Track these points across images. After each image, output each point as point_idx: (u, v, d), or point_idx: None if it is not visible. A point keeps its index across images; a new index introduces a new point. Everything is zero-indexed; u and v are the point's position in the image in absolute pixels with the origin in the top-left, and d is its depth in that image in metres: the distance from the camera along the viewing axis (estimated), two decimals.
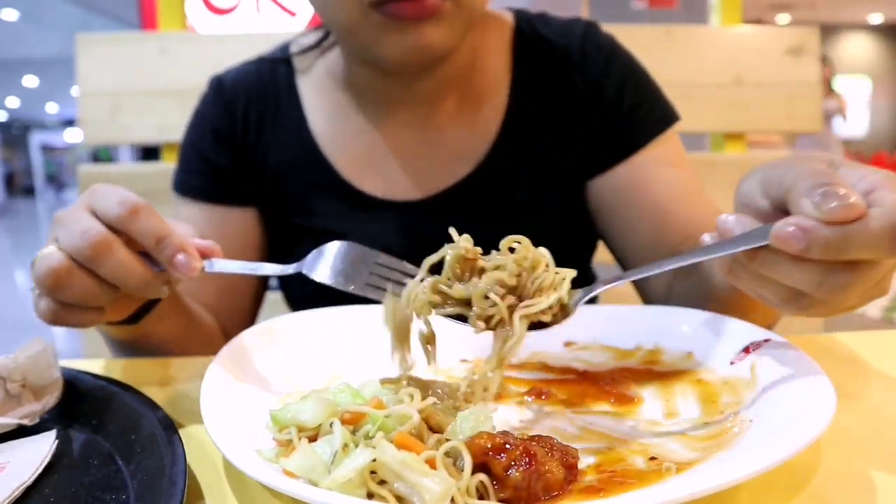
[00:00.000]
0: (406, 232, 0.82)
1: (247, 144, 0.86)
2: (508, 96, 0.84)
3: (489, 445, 0.39)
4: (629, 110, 0.82)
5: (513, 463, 0.38)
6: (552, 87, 0.84)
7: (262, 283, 0.91)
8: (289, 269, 0.54)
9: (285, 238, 0.87)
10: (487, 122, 0.83)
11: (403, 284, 0.52)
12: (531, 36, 0.85)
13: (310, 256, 0.55)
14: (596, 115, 0.83)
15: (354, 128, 0.85)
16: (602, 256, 0.93)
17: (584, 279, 0.88)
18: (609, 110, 0.82)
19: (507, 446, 0.39)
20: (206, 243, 0.56)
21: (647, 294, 0.83)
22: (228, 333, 0.82)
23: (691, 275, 0.70)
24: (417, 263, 0.69)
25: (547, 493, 0.38)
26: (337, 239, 0.57)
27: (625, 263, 0.86)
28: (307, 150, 0.85)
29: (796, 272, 0.42)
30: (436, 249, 0.75)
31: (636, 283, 0.84)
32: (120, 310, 0.59)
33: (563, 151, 0.84)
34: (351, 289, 0.52)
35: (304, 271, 0.53)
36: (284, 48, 0.92)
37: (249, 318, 0.89)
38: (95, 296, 0.52)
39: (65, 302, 0.53)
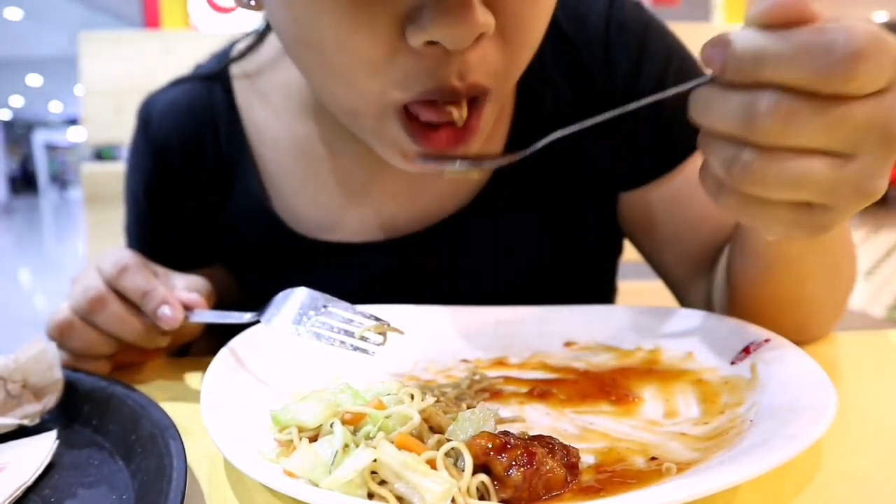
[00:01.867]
0: (393, 275, 0.72)
1: (188, 201, 0.75)
2: (514, 105, 0.69)
3: (490, 445, 0.39)
4: (672, 113, 0.67)
5: (513, 463, 0.38)
6: (567, 91, 0.70)
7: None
8: (250, 317, 0.58)
9: (258, 293, 0.65)
10: (491, 136, 0.67)
11: (349, 333, 0.55)
12: None
13: (269, 307, 0.57)
14: (631, 122, 0.67)
15: (320, 167, 0.71)
16: (628, 255, 0.85)
17: (609, 287, 0.86)
18: (647, 115, 0.68)
19: (508, 446, 0.39)
20: (191, 296, 0.61)
21: (688, 303, 0.75)
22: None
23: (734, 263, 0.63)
24: (423, 299, 0.67)
25: (548, 492, 0.38)
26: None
27: (667, 273, 0.76)
28: (256, 206, 0.72)
29: (743, 104, 0.36)
30: (443, 281, 0.72)
31: (676, 293, 0.77)
32: (149, 359, 0.65)
33: (584, 167, 0.71)
34: (299, 335, 0.55)
35: (261, 321, 0.57)
36: (222, 56, 0.77)
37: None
38: (97, 345, 0.59)
39: (74, 352, 0.59)
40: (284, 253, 0.73)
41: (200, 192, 0.74)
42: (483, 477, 0.38)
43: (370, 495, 0.37)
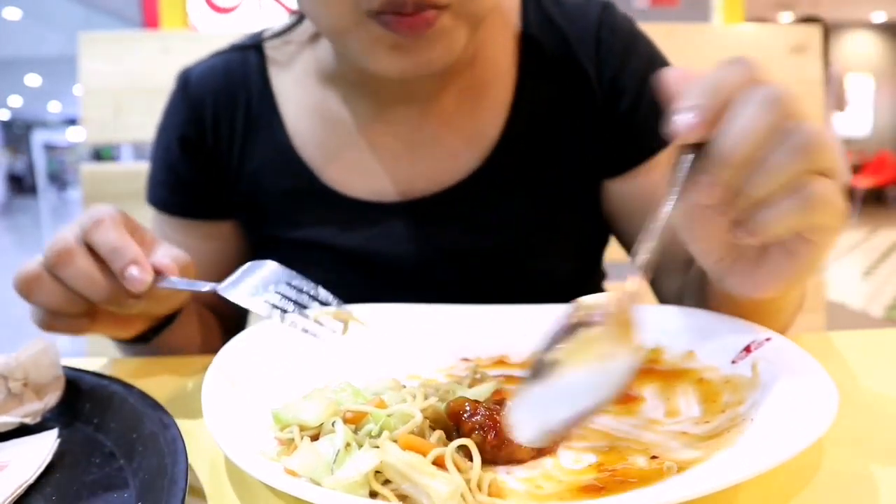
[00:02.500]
0: (402, 236, 0.77)
1: (217, 152, 0.80)
2: (514, 88, 0.77)
3: (468, 408, 0.44)
4: (651, 108, 0.74)
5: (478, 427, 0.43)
6: (563, 78, 0.77)
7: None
8: (211, 286, 0.58)
9: (270, 250, 0.77)
10: (491, 116, 0.76)
11: (304, 306, 0.57)
12: (540, 19, 0.78)
13: (233, 276, 0.59)
14: (613, 112, 0.76)
15: (340, 127, 0.78)
16: (612, 255, 0.89)
17: (595, 276, 0.88)
18: (628, 107, 0.76)
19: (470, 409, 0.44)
20: (163, 262, 0.58)
21: (659, 295, 0.79)
22: (226, 320, 0.83)
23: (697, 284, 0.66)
24: (417, 267, 0.70)
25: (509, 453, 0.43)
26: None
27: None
28: (283, 155, 0.78)
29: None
30: (435, 252, 0.75)
31: (653, 288, 0.79)
32: (126, 327, 0.64)
33: (576, 149, 0.78)
34: (252, 306, 0.56)
35: (218, 290, 0.57)
36: (256, 35, 0.84)
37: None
38: (65, 302, 0.56)
39: (40, 306, 0.57)
40: (306, 201, 0.78)
41: (230, 143, 0.79)
42: (465, 441, 0.41)
43: (373, 494, 0.37)
